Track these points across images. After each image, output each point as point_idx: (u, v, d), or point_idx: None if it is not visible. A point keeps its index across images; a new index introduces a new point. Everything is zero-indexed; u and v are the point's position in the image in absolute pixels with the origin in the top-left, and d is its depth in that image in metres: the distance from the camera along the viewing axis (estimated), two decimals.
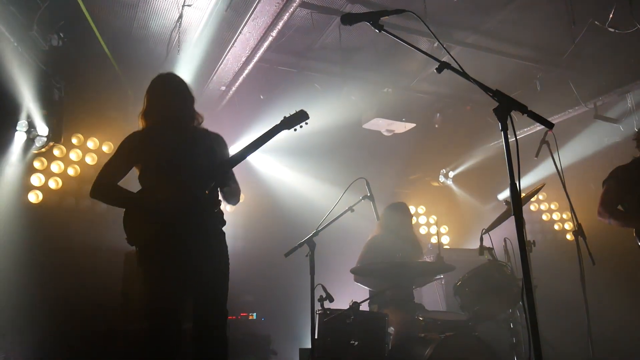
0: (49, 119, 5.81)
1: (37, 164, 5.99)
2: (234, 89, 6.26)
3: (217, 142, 3.41)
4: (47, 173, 6.09)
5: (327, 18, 5.52)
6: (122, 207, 3.14)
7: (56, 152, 6.15)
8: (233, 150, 3.39)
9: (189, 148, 3.24)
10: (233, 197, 3.34)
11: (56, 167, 6.14)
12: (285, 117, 3.44)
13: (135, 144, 3.23)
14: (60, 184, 6.14)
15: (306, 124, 3.48)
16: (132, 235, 3.09)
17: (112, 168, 3.23)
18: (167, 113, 3.27)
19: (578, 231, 4.12)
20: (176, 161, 3.16)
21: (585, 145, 7.40)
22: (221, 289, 3.20)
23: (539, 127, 7.03)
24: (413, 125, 7.06)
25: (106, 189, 3.18)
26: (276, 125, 3.39)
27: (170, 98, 3.29)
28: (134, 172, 3.29)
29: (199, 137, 3.35)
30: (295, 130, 3.46)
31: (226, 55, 5.54)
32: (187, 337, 3.06)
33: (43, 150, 5.98)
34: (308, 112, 3.51)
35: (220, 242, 3.32)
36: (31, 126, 5.78)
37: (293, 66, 6.41)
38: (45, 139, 5.89)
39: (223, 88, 6.34)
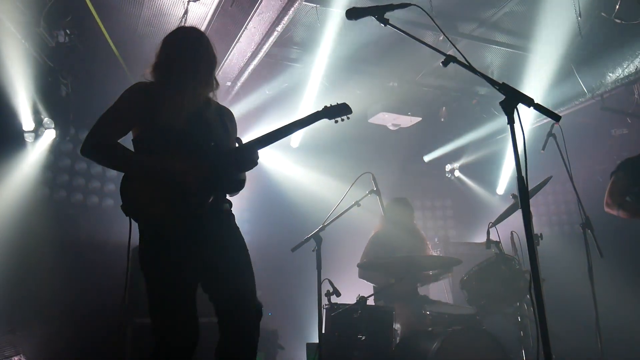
0: (56, 114, 5.84)
1: (44, 160, 6.01)
2: (239, 84, 6.26)
3: (229, 118, 3.03)
4: (55, 169, 6.12)
5: (331, 13, 5.50)
6: (124, 170, 2.62)
7: (63, 147, 6.19)
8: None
9: (204, 115, 2.80)
10: (240, 187, 2.91)
11: (64, 162, 6.17)
12: (326, 106, 3.09)
13: (142, 98, 2.67)
14: (68, 179, 6.16)
15: (348, 118, 3.15)
16: (137, 208, 2.57)
17: (113, 122, 2.62)
18: (185, 71, 2.75)
19: (586, 223, 4.10)
20: (192, 128, 2.69)
21: (592, 137, 7.35)
22: (250, 278, 2.79)
23: (545, 120, 7.00)
24: (419, 119, 7.04)
25: (105, 147, 2.58)
26: (317, 111, 3.04)
27: (191, 55, 2.79)
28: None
29: (214, 107, 2.92)
30: (336, 122, 3.14)
31: (232, 51, 5.54)
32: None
33: (50, 146, 6.01)
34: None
35: (236, 226, 2.92)
36: (39, 122, 5.83)
37: (298, 61, 6.39)
38: (52, 135, 5.94)
39: (229, 84, 6.35)
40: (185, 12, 5.22)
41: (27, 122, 5.73)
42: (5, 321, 4.92)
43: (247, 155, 2.78)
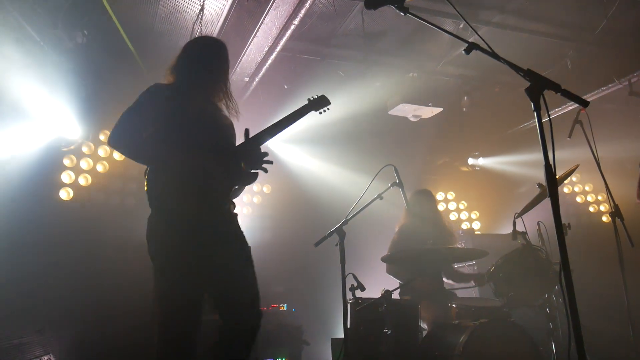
0: (77, 116, 5.90)
1: (66, 162, 6.11)
2: (257, 79, 6.23)
3: (232, 127, 3.13)
4: (77, 170, 6.18)
5: (349, 3, 5.44)
6: (150, 161, 2.68)
7: (85, 149, 6.26)
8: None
9: (216, 118, 2.97)
10: (255, 178, 2.96)
11: (85, 164, 6.24)
12: (309, 99, 3.37)
13: (161, 97, 2.80)
14: (90, 180, 6.23)
15: (328, 109, 3.43)
16: (163, 199, 2.61)
17: (139, 118, 2.71)
18: (203, 76, 2.96)
19: (615, 212, 3.99)
20: (206, 129, 2.83)
21: (620, 123, 7.18)
22: (254, 283, 2.83)
23: (570, 107, 6.86)
24: (440, 109, 6.95)
25: (134, 139, 2.66)
26: (305, 105, 3.31)
27: (206, 64, 2.98)
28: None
29: (223, 114, 3.09)
30: (320, 113, 3.40)
31: (249, 46, 5.52)
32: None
33: (72, 147, 6.09)
34: (332, 100, 3.47)
35: (239, 227, 2.96)
36: (60, 124, 5.86)
37: (316, 54, 6.35)
38: (73, 137, 5.99)
39: (246, 79, 6.33)
40: (202, 9, 5.21)
41: (47, 124, 5.78)
42: (33, 321, 4.98)
43: (253, 150, 2.91)
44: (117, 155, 6.40)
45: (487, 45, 2.25)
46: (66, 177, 6.08)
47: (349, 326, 4.06)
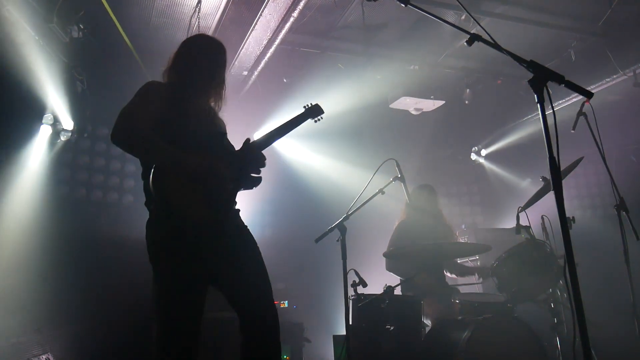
0: (73, 111, 5.85)
1: (62, 157, 6.03)
2: (256, 73, 6.19)
3: (224, 127, 3.06)
4: (74, 166, 6.13)
5: None
6: (159, 160, 2.50)
7: (82, 144, 6.20)
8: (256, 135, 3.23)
9: (212, 118, 2.91)
10: (258, 182, 2.93)
11: (82, 160, 6.19)
12: (306, 107, 3.33)
13: (162, 94, 2.70)
14: (87, 176, 6.18)
15: (321, 118, 3.40)
16: (171, 200, 2.48)
17: (139, 111, 2.56)
18: (202, 76, 2.86)
19: (620, 205, 3.93)
20: (204, 129, 2.75)
21: (625, 115, 7.10)
22: (267, 280, 2.76)
23: (574, 99, 6.79)
24: (442, 102, 6.90)
25: (140, 133, 2.49)
26: (302, 113, 3.28)
27: (208, 63, 2.89)
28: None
29: (216, 114, 3.01)
30: (315, 121, 3.38)
31: (247, 39, 5.47)
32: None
33: (68, 143, 6.02)
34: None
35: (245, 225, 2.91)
36: (56, 119, 5.84)
37: (315, 47, 6.29)
38: (70, 132, 5.94)
39: (245, 73, 6.28)
40: (199, 2, 5.15)
41: (43, 119, 5.74)
42: (31, 320, 4.95)
43: (254, 155, 2.86)
44: (117, 152, 6.33)
45: (490, 36, 2.23)
46: (62, 173, 6.01)
47: (350, 323, 4.03)
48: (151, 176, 2.46)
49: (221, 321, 4.81)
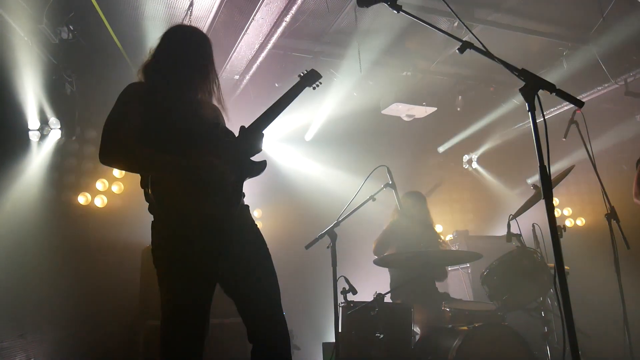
0: (61, 113, 5.79)
1: (51, 160, 5.92)
2: (247, 77, 6.16)
3: (220, 115, 2.91)
4: (62, 169, 6.05)
5: (342, 0, 5.37)
6: (154, 171, 2.44)
7: (70, 147, 6.12)
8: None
9: (200, 114, 2.72)
10: (263, 167, 2.79)
11: (70, 162, 6.11)
12: (300, 75, 3.15)
13: (142, 97, 2.54)
14: (75, 180, 6.10)
15: (320, 83, 3.24)
16: (174, 204, 2.43)
17: (125, 122, 2.44)
18: (178, 73, 2.69)
19: (611, 214, 3.94)
20: (193, 126, 2.61)
21: (616, 123, 7.13)
22: (275, 280, 2.73)
23: (565, 107, 6.82)
24: (434, 109, 6.88)
25: (127, 146, 2.40)
26: (298, 83, 3.07)
27: (194, 56, 2.76)
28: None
29: (205, 106, 2.82)
30: (314, 88, 3.22)
31: (239, 43, 5.45)
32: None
33: (56, 145, 5.94)
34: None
35: (254, 221, 2.82)
36: (44, 122, 5.78)
37: (308, 52, 6.28)
38: (58, 135, 5.87)
39: (237, 77, 6.26)
40: (191, 5, 5.12)
41: (32, 121, 5.68)
42: (15, 326, 4.87)
43: (253, 138, 2.72)
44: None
45: (482, 44, 2.23)
46: (51, 176, 5.89)
47: (340, 330, 4.01)
48: (150, 185, 2.42)
49: (224, 326, 4.73)
